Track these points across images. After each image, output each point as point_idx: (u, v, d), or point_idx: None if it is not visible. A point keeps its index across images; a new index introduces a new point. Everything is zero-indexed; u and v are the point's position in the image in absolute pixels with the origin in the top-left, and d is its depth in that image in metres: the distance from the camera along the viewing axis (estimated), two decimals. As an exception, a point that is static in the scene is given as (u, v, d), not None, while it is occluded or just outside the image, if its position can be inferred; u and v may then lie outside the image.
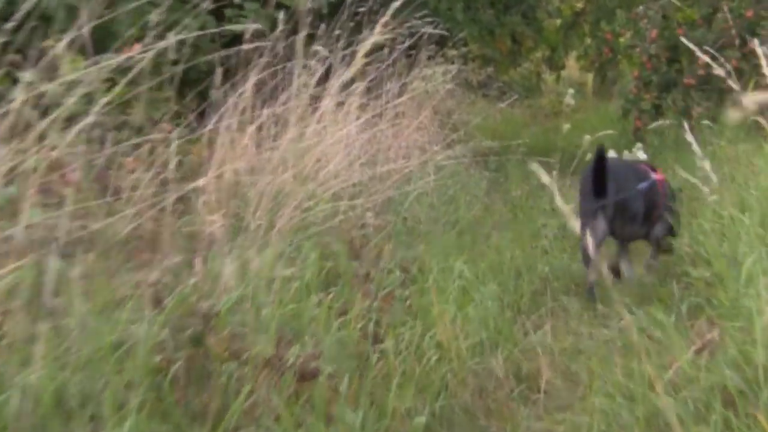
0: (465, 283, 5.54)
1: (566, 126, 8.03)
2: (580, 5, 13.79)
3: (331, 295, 4.67)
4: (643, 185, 6.40)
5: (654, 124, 10.08)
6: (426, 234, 6.45)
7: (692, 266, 5.79)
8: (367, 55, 7.80)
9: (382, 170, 7.64)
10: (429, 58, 10.49)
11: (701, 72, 10.98)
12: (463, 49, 13.40)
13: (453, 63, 13.87)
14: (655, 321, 4.95)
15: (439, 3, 11.05)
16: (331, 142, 6.92)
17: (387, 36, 7.86)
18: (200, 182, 5.08)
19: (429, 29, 9.22)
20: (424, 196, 7.44)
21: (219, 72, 5.80)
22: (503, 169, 9.82)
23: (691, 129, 10.25)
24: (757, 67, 10.48)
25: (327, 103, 7.78)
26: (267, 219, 5.46)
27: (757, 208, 6.05)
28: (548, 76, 18.90)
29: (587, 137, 7.61)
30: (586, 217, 6.02)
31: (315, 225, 5.66)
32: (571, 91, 8.26)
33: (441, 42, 10.89)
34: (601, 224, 6.07)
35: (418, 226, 6.64)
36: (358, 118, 8.33)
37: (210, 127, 5.80)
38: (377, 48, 8.88)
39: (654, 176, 6.59)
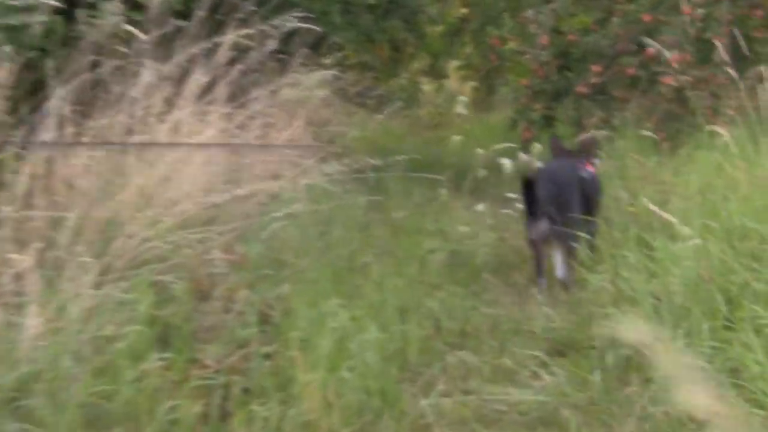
0: (340, 331, 4.40)
1: (456, 138, 6.86)
2: (464, 11, 12.73)
3: (161, 362, 3.45)
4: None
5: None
6: (293, 268, 5.30)
7: (615, 306, 4.74)
8: (231, 57, 6.81)
9: (242, 191, 6.55)
10: (302, 63, 9.34)
11: (595, 80, 9.95)
12: (340, 56, 12.39)
13: (329, 70, 12.91)
14: (579, 379, 3.92)
15: (313, 3, 9.90)
16: (181, 157, 5.74)
17: (250, 34, 6.88)
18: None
19: (299, 30, 8.24)
20: (294, 221, 6.32)
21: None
22: (383, 187, 8.69)
23: (596, 144, 9.54)
24: (656, 75, 9.76)
25: (181, 111, 6.65)
26: (91, 255, 4.24)
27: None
28: (427, 86, 18.09)
29: (479, 151, 6.56)
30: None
31: (154, 261, 4.47)
32: (463, 98, 7.15)
33: (316, 47, 9.74)
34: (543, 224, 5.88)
35: (285, 258, 5.48)
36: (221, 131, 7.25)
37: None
38: (242, 50, 7.84)
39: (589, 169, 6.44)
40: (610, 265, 5.37)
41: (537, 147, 7.70)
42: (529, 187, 5.87)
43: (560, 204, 5.88)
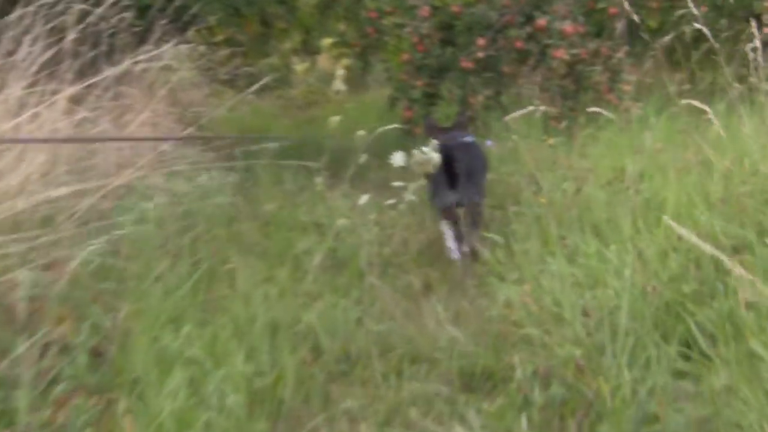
0: (194, 367, 3.37)
1: (335, 119, 5.80)
2: (337, -18, 11.67)
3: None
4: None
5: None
6: (139, 280, 4.24)
7: (537, 326, 3.77)
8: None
9: (90, 185, 5.52)
10: (162, 38, 8.23)
11: (480, 55, 9.02)
12: (205, 31, 11.25)
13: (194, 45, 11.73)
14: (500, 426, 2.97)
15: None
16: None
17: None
18: None
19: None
20: (148, 218, 5.29)
21: None
22: (253, 175, 7.64)
23: (471, 120, 8.61)
24: (547, 48, 8.87)
25: (11, 90, 5.55)
26: None
27: (612, 232, 4.16)
28: (300, 66, 17.09)
29: (361, 132, 5.55)
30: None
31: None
32: (340, 72, 6.09)
33: (178, 20, 8.59)
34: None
35: (131, 269, 4.42)
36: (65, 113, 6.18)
37: None
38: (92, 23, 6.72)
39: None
40: (527, 272, 4.38)
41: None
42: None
43: (466, 172, 5.71)
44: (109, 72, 6.83)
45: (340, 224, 5.64)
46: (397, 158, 5.33)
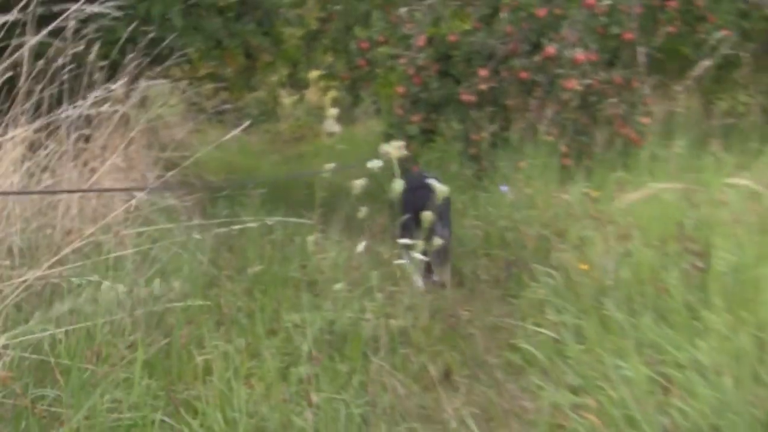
0: None
1: (330, 165, 4.90)
2: (324, 14, 10.71)
3: None
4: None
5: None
6: (81, 385, 3.33)
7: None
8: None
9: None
10: (136, 73, 7.32)
11: (482, 87, 8.14)
12: (186, 65, 10.34)
13: (175, 81, 10.83)
14: None
15: (152, 5, 7.85)
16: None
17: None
18: None
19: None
20: (111, 278, 4.41)
21: None
22: (237, 224, 6.73)
23: (476, 158, 7.72)
24: (556, 78, 7.96)
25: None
26: None
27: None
28: (287, 99, 16.23)
29: (359, 183, 4.67)
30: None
31: None
32: (332, 112, 5.17)
33: (152, 54, 7.66)
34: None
35: (74, 364, 3.50)
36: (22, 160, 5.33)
37: None
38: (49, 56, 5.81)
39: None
40: (582, 372, 3.45)
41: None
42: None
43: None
44: (71, 111, 5.89)
45: (338, 289, 4.72)
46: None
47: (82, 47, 6.13)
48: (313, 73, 12.54)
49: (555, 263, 5.28)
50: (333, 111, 5.24)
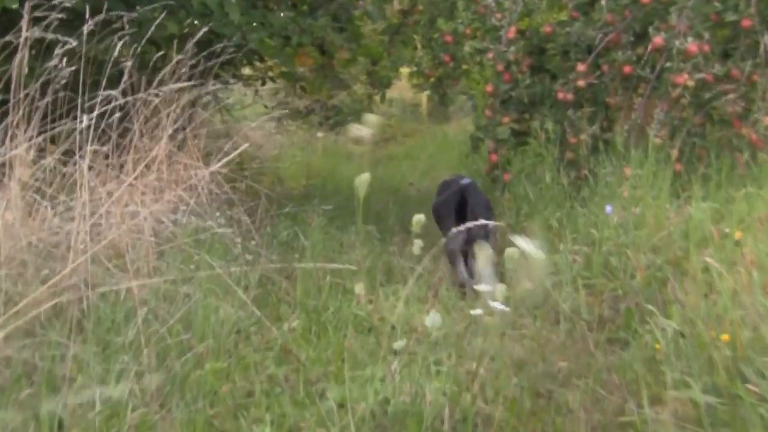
0: None
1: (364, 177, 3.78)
2: (405, 4, 9.63)
3: None
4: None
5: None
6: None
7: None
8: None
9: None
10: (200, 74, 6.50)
11: (580, 83, 7.14)
12: (261, 65, 9.41)
13: (249, 83, 9.92)
14: None
15: (207, -2, 6.94)
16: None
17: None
18: None
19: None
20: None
21: None
22: (297, 243, 5.81)
23: (575, 164, 6.65)
24: (666, 72, 6.81)
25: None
26: None
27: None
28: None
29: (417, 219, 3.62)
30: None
31: None
32: (371, 117, 4.10)
33: (213, 52, 6.79)
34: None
35: None
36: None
37: None
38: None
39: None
40: None
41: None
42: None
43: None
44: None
45: (399, 348, 3.69)
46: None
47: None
48: (404, 70, 11.58)
49: (672, 300, 4.20)
50: (371, 116, 4.09)
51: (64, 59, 4.71)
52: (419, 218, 3.65)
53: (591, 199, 6.09)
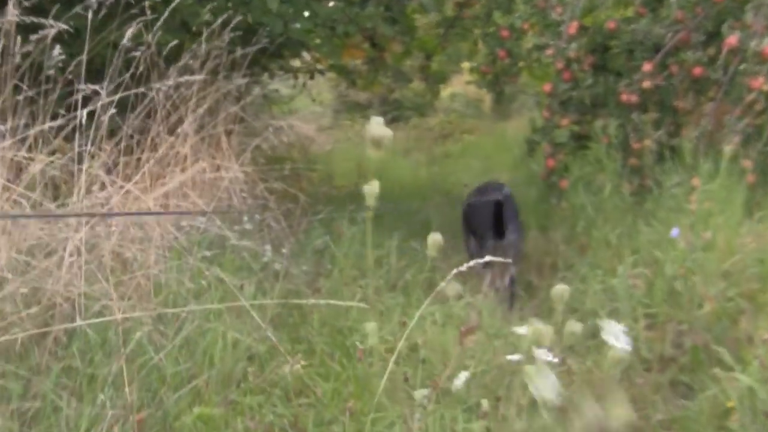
0: None
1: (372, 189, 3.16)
2: (462, -1, 9.02)
3: None
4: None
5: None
6: None
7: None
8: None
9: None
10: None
11: (645, 85, 6.52)
12: (309, 58, 8.87)
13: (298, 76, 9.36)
14: None
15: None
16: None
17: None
18: None
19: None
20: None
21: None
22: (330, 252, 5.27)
23: (638, 172, 5.99)
24: (740, 75, 6.11)
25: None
26: None
27: None
28: (444, 92, 14.70)
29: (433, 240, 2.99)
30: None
31: None
32: (377, 119, 3.36)
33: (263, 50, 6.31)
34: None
35: None
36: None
37: None
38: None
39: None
40: None
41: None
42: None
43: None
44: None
45: (421, 398, 3.11)
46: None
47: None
48: (465, 65, 10.97)
49: (745, 340, 3.56)
50: (377, 119, 3.42)
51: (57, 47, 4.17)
52: (436, 239, 3.00)
53: (655, 214, 5.43)
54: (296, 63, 9.13)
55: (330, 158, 10.99)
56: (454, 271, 3.10)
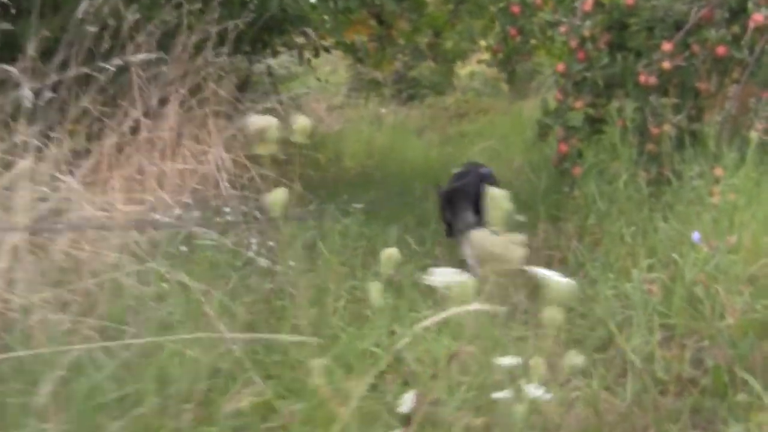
0: None
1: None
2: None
3: None
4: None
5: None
6: None
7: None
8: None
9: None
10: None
11: (665, 65, 5.94)
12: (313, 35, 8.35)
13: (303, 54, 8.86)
14: None
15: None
16: None
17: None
18: None
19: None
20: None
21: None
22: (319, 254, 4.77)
23: (656, 159, 5.45)
24: (765, 55, 5.51)
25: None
26: None
27: None
28: (462, 71, 14.24)
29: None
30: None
31: None
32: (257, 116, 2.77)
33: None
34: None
35: None
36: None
37: None
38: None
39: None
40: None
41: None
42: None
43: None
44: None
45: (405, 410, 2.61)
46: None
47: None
48: (482, 42, 10.42)
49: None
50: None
51: None
52: (390, 254, 2.43)
53: (673, 208, 4.88)
54: (300, 40, 8.66)
55: (340, 139, 10.51)
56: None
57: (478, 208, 5.40)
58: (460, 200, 5.52)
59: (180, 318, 3.54)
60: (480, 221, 5.17)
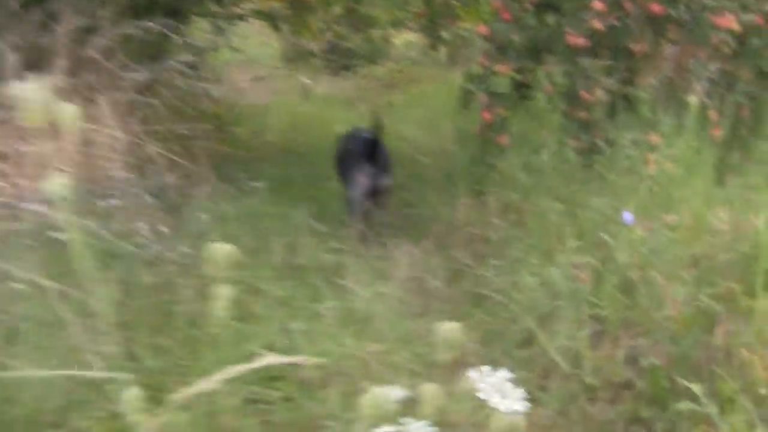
0: None
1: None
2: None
3: None
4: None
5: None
6: None
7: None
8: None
9: None
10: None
11: (597, 25, 5.46)
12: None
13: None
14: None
15: None
16: None
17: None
18: None
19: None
20: None
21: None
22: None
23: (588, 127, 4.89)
24: (706, 12, 4.98)
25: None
26: None
27: None
28: (397, 40, 13.87)
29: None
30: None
31: None
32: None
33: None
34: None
35: None
36: None
37: None
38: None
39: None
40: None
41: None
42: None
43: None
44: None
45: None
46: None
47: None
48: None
49: (722, 360, 2.50)
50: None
51: None
52: (225, 251, 1.88)
53: (606, 179, 4.36)
54: (215, 9, 8.05)
55: (265, 112, 9.97)
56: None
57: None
58: (352, 164, 5.50)
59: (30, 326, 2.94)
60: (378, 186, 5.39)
